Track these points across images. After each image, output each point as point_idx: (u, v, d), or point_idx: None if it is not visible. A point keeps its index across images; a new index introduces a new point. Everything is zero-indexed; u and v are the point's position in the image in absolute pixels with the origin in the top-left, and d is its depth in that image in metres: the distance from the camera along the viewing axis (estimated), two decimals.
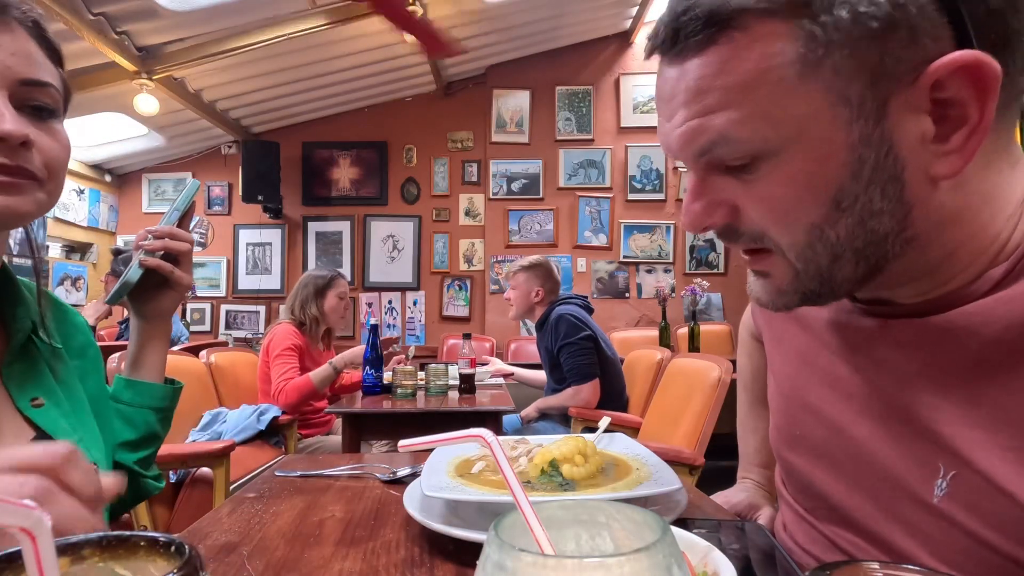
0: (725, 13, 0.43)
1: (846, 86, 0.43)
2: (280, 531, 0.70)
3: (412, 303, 5.27)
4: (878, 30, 0.41)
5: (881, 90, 0.42)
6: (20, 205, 0.60)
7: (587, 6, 4.53)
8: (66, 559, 0.29)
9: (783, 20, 0.42)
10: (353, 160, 5.30)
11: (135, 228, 5.18)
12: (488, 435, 0.37)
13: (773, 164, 0.46)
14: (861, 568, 0.32)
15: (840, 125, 0.44)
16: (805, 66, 0.42)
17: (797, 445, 0.66)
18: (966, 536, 0.48)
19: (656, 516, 0.29)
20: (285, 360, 2.56)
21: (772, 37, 0.43)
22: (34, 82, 0.61)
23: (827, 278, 0.49)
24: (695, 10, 0.44)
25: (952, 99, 0.42)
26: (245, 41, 3.64)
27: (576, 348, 2.61)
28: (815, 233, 0.47)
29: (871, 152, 0.44)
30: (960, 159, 0.43)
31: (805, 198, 0.46)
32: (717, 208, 0.50)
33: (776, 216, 0.48)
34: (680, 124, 0.47)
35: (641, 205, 5.11)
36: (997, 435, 0.46)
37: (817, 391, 0.62)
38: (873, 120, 0.43)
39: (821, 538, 0.63)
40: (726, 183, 0.49)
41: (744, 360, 0.97)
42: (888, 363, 0.54)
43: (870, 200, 0.45)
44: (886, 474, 0.54)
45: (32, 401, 0.69)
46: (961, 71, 0.41)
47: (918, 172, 0.44)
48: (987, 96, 0.41)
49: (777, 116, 0.44)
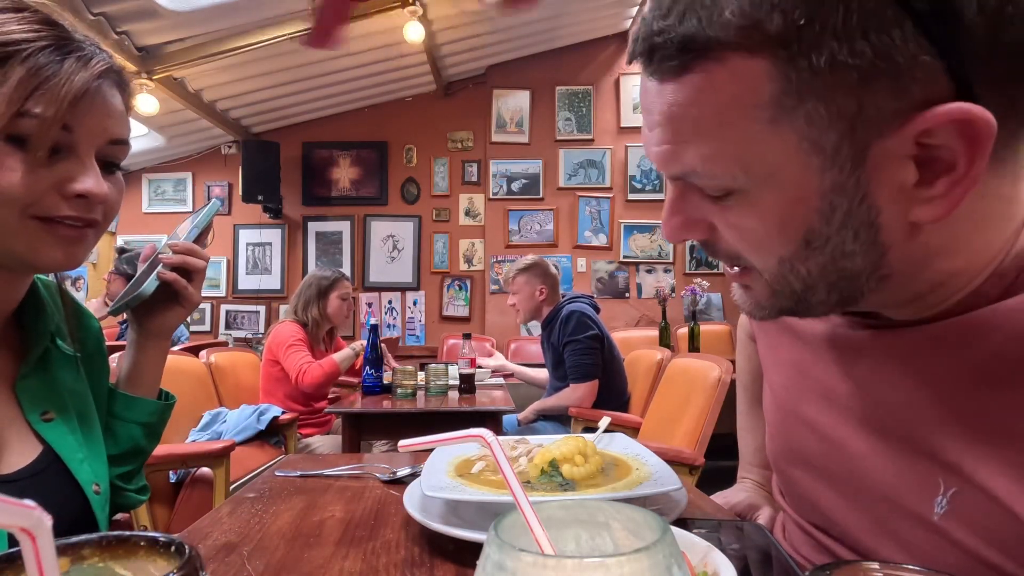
0: (700, 42, 0.41)
1: (820, 135, 0.41)
2: (280, 531, 0.70)
3: (412, 303, 5.27)
4: (858, 80, 0.38)
5: (860, 138, 0.40)
6: (82, 254, 0.65)
7: (587, 6, 4.53)
8: (66, 559, 0.29)
9: (760, 58, 0.40)
10: (353, 160, 5.30)
11: (135, 228, 5.19)
12: (488, 435, 0.37)
13: (745, 198, 0.45)
14: (861, 568, 0.32)
15: (812, 172, 0.42)
16: (778, 110, 0.41)
17: (794, 458, 0.65)
18: (966, 555, 0.47)
19: (656, 516, 0.29)
20: (298, 349, 2.60)
21: (747, 75, 0.40)
22: (120, 141, 0.65)
23: (802, 300, 0.48)
24: (670, 33, 0.42)
25: (940, 146, 0.40)
26: (245, 41, 3.64)
27: (581, 346, 2.61)
28: (786, 266, 0.46)
29: (844, 199, 0.42)
30: (944, 206, 0.41)
31: (775, 235, 0.45)
32: (695, 225, 0.49)
33: (747, 245, 0.47)
34: (656, 143, 0.47)
35: (641, 205, 5.11)
36: (1000, 451, 0.44)
37: (813, 403, 0.60)
38: (849, 167, 0.41)
39: (821, 548, 0.63)
40: (703, 203, 0.48)
41: (743, 361, 0.97)
42: (884, 376, 0.53)
43: (842, 242, 0.44)
44: (884, 490, 0.53)
45: (43, 415, 0.69)
46: (952, 124, 0.39)
47: (895, 218, 0.43)
48: (977, 150, 0.39)
49: (747, 158, 0.43)
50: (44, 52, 0.58)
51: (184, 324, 4.26)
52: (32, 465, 0.66)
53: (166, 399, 0.88)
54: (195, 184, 5.32)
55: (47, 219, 0.60)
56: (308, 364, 2.55)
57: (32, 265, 0.63)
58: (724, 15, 0.39)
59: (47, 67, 0.58)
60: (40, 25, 0.60)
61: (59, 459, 0.68)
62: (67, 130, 0.59)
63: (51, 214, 0.60)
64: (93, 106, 0.61)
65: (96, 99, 0.61)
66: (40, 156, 0.58)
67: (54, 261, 0.62)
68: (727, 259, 0.50)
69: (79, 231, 0.63)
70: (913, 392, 0.50)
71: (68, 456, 0.68)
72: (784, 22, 0.38)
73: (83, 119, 0.60)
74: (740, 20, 0.39)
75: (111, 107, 0.64)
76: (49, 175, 0.59)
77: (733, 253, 0.49)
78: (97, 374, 0.82)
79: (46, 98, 0.57)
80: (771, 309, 0.50)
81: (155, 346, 0.84)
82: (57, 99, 0.57)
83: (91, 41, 0.63)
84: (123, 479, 0.82)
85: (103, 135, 0.63)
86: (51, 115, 0.57)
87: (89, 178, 0.61)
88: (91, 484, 0.70)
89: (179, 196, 5.31)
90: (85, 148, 0.61)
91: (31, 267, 0.65)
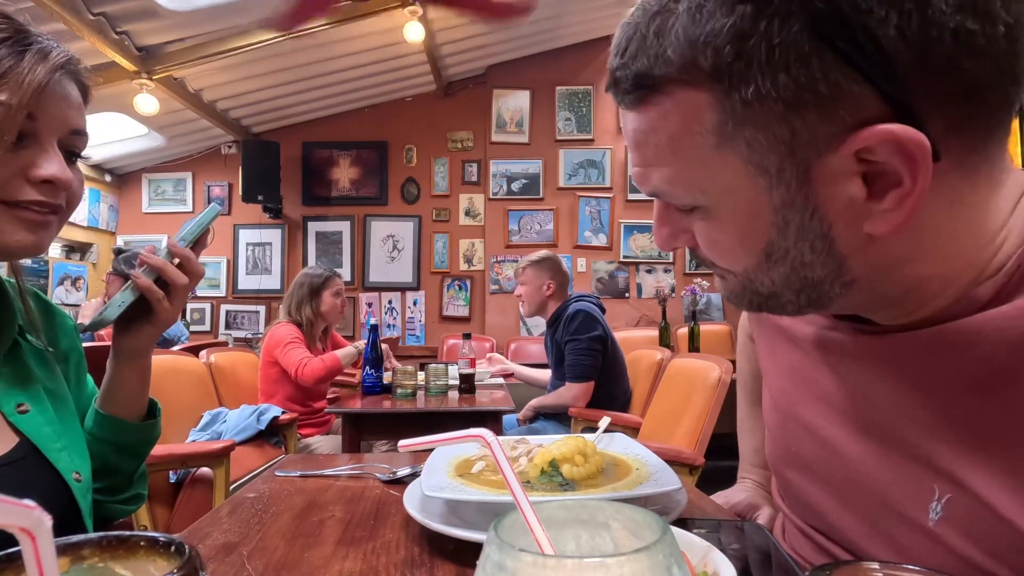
0: (650, 79, 0.45)
1: (762, 158, 0.43)
2: (280, 531, 0.70)
3: (412, 303, 5.27)
4: (784, 110, 0.41)
5: (800, 158, 0.42)
6: (48, 240, 0.66)
7: (587, 6, 4.53)
8: (66, 559, 0.29)
9: (702, 91, 0.43)
10: (353, 160, 5.30)
11: (135, 228, 5.19)
12: (488, 435, 0.37)
13: (708, 214, 0.48)
14: (861, 568, 0.32)
15: (761, 191, 0.45)
16: (722, 137, 0.44)
17: (792, 461, 0.65)
18: (961, 562, 0.47)
19: (656, 516, 0.29)
20: (295, 347, 2.59)
21: (693, 106, 0.44)
22: (80, 132, 0.68)
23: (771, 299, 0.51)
24: (626, 70, 0.46)
25: (884, 163, 0.41)
26: (245, 41, 3.64)
27: (582, 346, 2.61)
28: (750, 275, 0.49)
29: (795, 214, 0.44)
30: (896, 219, 0.42)
31: (737, 247, 0.48)
32: (680, 235, 0.53)
33: (716, 255, 0.51)
34: (632, 164, 0.51)
35: (641, 205, 5.11)
36: (991, 458, 0.45)
37: (810, 407, 0.61)
38: (795, 185, 0.43)
39: (820, 550, 0.63)
40: (680, 216, 0.51)
41: (743, 362, 0.97)
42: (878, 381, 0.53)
43: (800, 253, 0.46)
44: (880, 495, 0.53)
45: (17, 407, 0.69)
46: (887, 144, 0.40)
47: (849, 230, 0.44)
48: (916, 165, 0.40)
49: (702, 180, 0.46)
50: (4, 44, 0.61)
51: (184, 324, 4.26)
52: (8, 455, 0.66)
53: (151, 415, 0.84)
54: (195, 184, 5.32)
55: (12, 203, 0.62)
56: (308, 358, 2.54)
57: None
58: (667, 54, 0.43)
59: (8, 58, 0.60)
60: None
61: (36, 449, 0.68)
62: (31, 119, 0.62)
63: (16, 198, 0.62)
64: (55, 96, 0.64)
65: (57, 90, 0.64)
66: (6, 141, 0.60)
67: (20, 245, 0.64)
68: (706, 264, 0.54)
69: (44, 216, 0.65)
70: (906, 398, 0.50)
71: (46, 446, 0.69)
72: (716, 59, 0.41)
73: (46, 108, 0.63)
74: (679, 59, 0.43)
75: (71, 99, 0.66)
76: (14, 160, 0.61)
77: (708, 261, 0.53)
78: (75, 370, 0.82)
79: (10, 87, 0.60)
80: (746, 302, 0.53)
81: (128, 366, 0.79)
82: (21, 88, 0.60)
83: (47, 36, 0.66)
84: (103, 493, 0.79)
85: (64, 125, 0.65)
86: (16, 103, 0.59)
87: (53, 164, 0.63)
88: (71, 472, 0.70)
89: (179, 196, 5.31)
90: (48, 136, 0.64)
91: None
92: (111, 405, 0.80)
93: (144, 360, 0.81)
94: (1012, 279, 0.45)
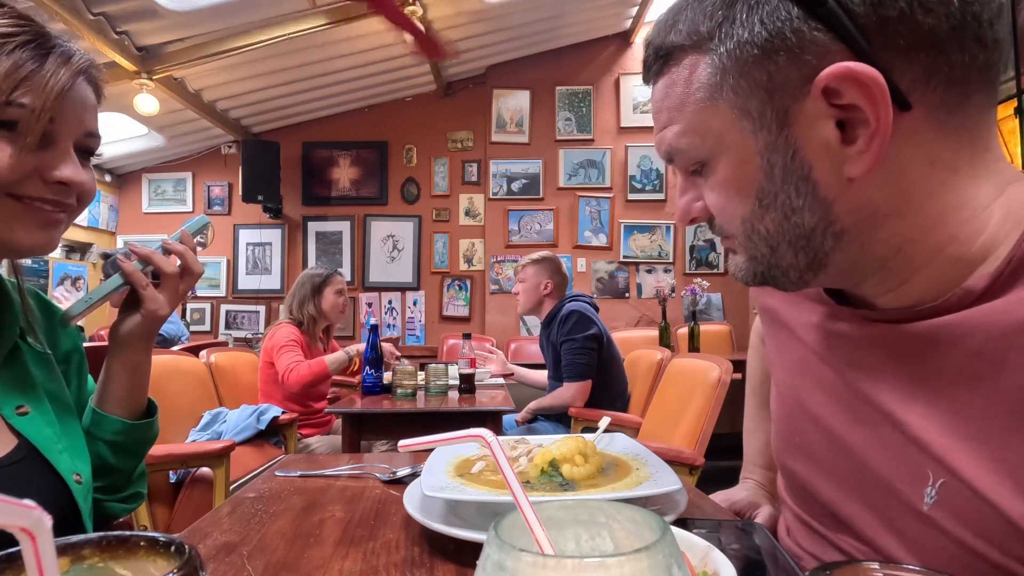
0: (665, 49, 0.54)
1: (745, 102, 0.50)
2: (280, 531, 0.70)
3: (412, 303, 5.27)
4: (760, 55, 0.48)
5: (779, 102, 0.48)
6: (58, 237, 0.68)
7: (587, 6, 4.53)
8: (66, 559, 0.29)
9: (697, 52, 0.51)
10: (353, 160, 5.30)
11: (135, 228, 5.19)
12: (488, 435, 0.38)
13: (712, 169, 0.54)
14: (861, 568, 0.32)
15: (747, 135, 0.50)
16: (712, 88, 0.51)
17: (797, 452, 0.66)
18: (955, 544, 0.49)
19: (656, 516, 0.29)
20: (289, 350, 2.60)
21: (692, 66, 0.52)
22: (95, 133, 0.69)
23: (773, 264, 0.54)
24: (651, 47, 0.56)
25: (852, 106, 0.46)
26: (245, 41, 3.64)
27: (577, 345, 2.61)
28: (748, 226, 0.53)
29: (778, 156, 0.50)
30: (869, 159, 0.47)
31: (734, 197, 0.53)
32: (695, 205, 0.58)
33: (718, 211, 0.55)
34: (654, 134, 0.59)
35: (641, 205, 5.11)
36: (982, 446, 0.47)
37: (815, 396, 0.63)
38: (776, 128, 0.49)
39: (825, 543, 0.64)
40: (695, 182, 0.57)
41: (754, 364, 0.98)
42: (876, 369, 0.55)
43: (788, 198, 0.50)
44: (880, 481, 0.55)
45: (17, 409, 0.69)
46: (847, 81, 0.45)
47: (829, 172, 0.49)
48: (876, 101, 0.45)
49: (702, 130, 0.53)
50: (28, 47, 0.62)
51: (184, 324, 4.26)
52: (8, 456, 0.66)
53: (149, 415, 0.84)
54: (195, 184, 5.32)
55: (25, 199, 0.63)
56: (296, 363, 2.54)
57: (8, 245, 0.64)
58: (678, 26, 0.53)
59: (31, 61, 0.62)
60: (19, 20, 0.63)
61: (36, 451, 0.68)
62: (51, 122, 0.63)
63: (30, 194, 0.63)
64: (74, 100, 0.65)
65: (77, 93, 0.66)
66: (29, 144, 0.61)
67: (32, 241, 0.65)
68: (718, 231, 0.58)
69: (56, 215, 0.66)
70: (904, 387, 0.53)
71: (46, 447, 0.69)
72: (710, 22, 0.50)
73: (66, 112, 0.64)
74: (687, 28, 0.52)
75: (89, 102, 0.68)
76: (33, 160, 0.63)
77: (717, 223, 0.57)
78: (76, 370, 0.82)
79: (34, 91, 0.61)
80: (752, 274, 0.56)
81: (118, 359, 0.79)
82: (44, 92, 0.61)
83: (65, 38, 0.67)
84: (101, 491, 0.79)
85: (81, 127, 0.67)
86: (40, 106, 0.61)
87: (69, 166, 0.65)
88: (72, 474, 0.70)
89: (179, 196, 5.31)
90: (65, 139, 0.65)
91: (7, 247, 0.65)
92: (105, 402, 0.80)
93: (134, 355, 0.80)
94: (1003, 273, 0.47)
